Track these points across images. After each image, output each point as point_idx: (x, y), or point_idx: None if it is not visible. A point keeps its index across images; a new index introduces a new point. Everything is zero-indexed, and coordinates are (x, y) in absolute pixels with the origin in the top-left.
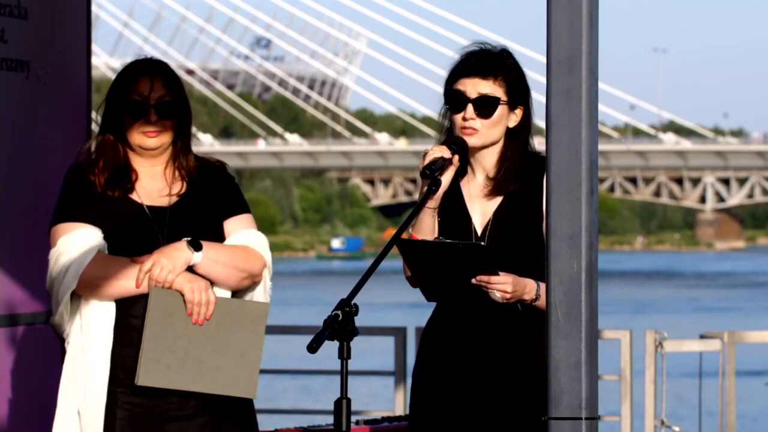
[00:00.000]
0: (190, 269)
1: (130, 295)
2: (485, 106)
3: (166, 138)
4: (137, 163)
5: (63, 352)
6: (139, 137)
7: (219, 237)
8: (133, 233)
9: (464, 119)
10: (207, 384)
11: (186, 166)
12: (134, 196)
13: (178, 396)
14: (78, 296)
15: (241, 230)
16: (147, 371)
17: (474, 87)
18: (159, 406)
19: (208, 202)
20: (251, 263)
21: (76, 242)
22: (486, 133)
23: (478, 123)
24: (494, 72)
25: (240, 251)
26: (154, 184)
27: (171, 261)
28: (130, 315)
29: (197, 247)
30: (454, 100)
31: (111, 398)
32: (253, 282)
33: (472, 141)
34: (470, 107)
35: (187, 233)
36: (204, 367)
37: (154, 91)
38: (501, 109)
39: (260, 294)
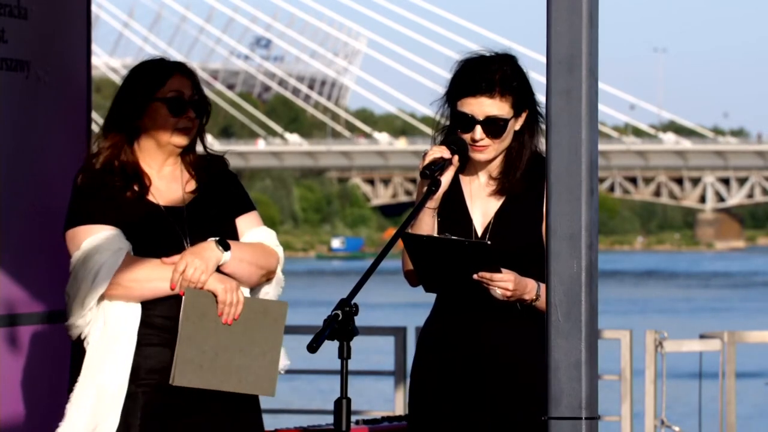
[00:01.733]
0: (217, 268)
1: (161, 296)
2: (494, 127)
3: (192, 135)
4: (148, 161)
5: (78, 352)
6: (174, 134)
7: (235, 235)
8: (156, 234)
9: (473, 140)
10: (233, 383)
11: (192, 165)
12: (149, 196)
13: (199, 394)
14: (101, 297)
15: (252, 228)
16: (182, 371)
17: (481, 107)
18: (180, 405)
19: (219, 200)
20: (269, 260)
21: (103, 244)
22: (496, 148)
23: (487, 141)
24: (499, 88)
25: (260, 249)
26: (165, 182)
27: (204, 261)
28: (155, 315)
29: (226, 247)
30: (461, 121)
31: (132, 397)
32: (268, 278)
33: (482, 157)
34: (479, 128)
35: (207, 232)
36: (231, 366)
37: (187, 88)
38: (509, 124)
39: (273, 287)
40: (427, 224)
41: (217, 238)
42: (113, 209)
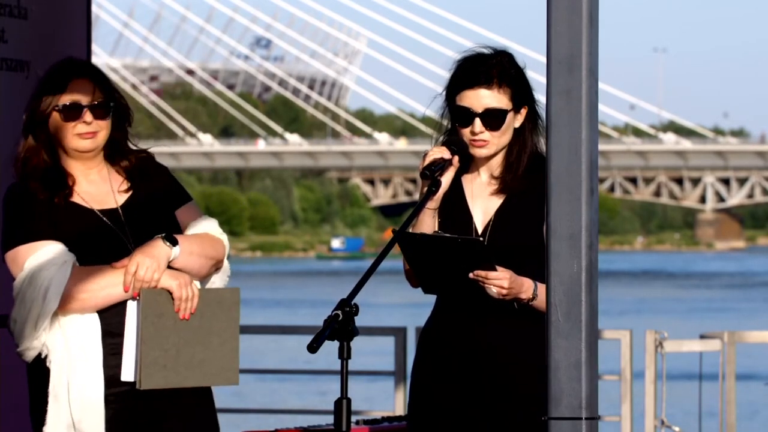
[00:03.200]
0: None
1: (116, 302)
2: (493, 119)
3: (101, 139)
4: (72, 167)
5: (40, 373)
6: (74, 140)
7: (177, 228)
8: (97, 240)
9: (473, 133)
10: (197, 378)
11: (123, 164)
12: (81, 202)
13: (168, 395)
14: (55, 313)
15: (195, 219)
16: (148, 375)
17: (479, 100)
18: (149, 408)
19: (154, 195)
20: (217, 250)
21: (47, 260)
22: (497, 143)
23: (487, 135)
24: (497, 79)
25: (207, 239)
26: (95, 186)
27: (155, 259)
28: (110, 322)
29: (174, 242)
30: (460, 116)
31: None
32: (217, 268)
33: (483, 152)
34: (478, 121)
35: (148, 230)
36: (193, 361)
37: (86, 93)
38: (508, 117)
39: (220, 276)
40: (427, 225)
41: (164, 234)
42: (48, 221)
